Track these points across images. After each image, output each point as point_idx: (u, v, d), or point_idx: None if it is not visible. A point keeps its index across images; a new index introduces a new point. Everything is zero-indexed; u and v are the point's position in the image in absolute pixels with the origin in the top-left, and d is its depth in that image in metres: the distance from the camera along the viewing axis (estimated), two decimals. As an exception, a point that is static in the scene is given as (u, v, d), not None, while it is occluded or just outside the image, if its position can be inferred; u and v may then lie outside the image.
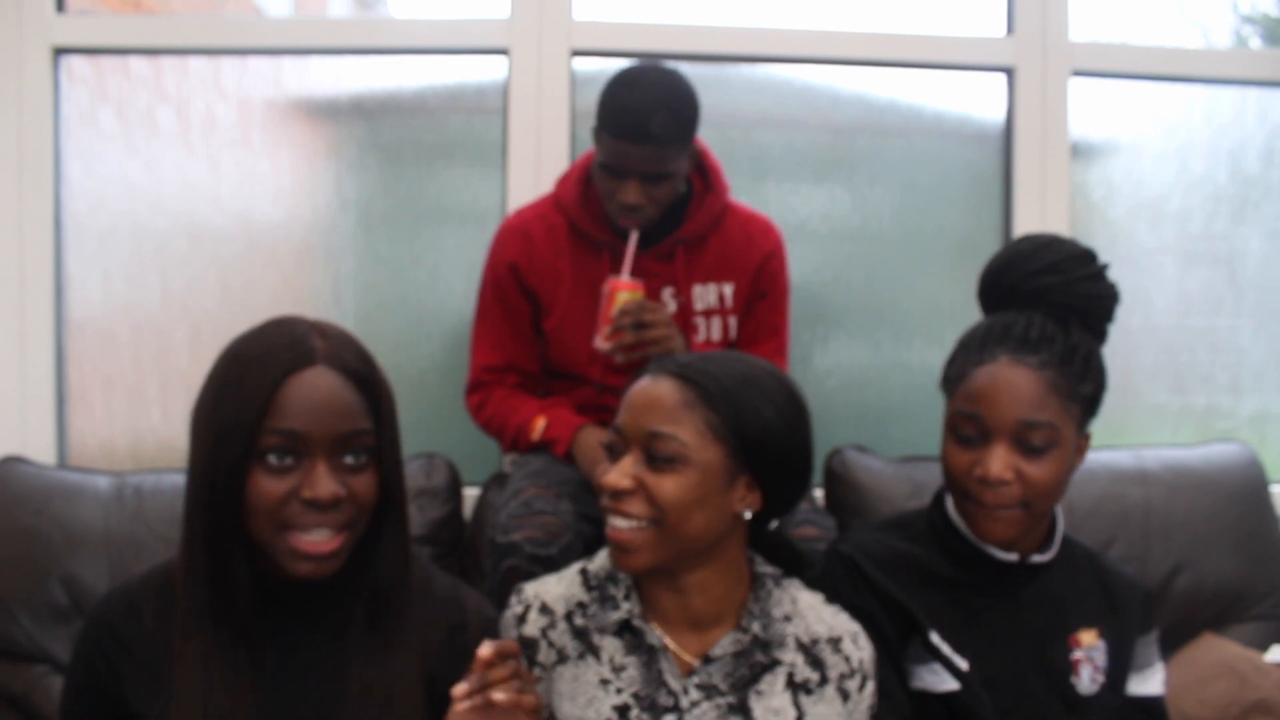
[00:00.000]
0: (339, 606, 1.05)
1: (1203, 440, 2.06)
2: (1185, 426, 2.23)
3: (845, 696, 1.11)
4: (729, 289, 1.76)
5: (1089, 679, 1.25)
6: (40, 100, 1.96)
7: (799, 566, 1.19)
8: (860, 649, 1.14)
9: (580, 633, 1.11)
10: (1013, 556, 1.24)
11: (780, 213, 1.94)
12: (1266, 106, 2.23)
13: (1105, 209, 2.20)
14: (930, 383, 1.33)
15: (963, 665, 1.22)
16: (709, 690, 1.08)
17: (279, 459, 0.98)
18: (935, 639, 1.22)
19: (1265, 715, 1.64)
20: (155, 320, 2.04)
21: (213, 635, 1.01)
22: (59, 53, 1.98)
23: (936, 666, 1.22)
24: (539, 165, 1.98)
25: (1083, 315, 1.24)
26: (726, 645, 1.09)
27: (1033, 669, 1.24)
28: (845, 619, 1.16)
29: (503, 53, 2.01)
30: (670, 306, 1.72)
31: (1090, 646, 1.26)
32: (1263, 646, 1.79)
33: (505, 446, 1.79)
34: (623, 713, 1.07)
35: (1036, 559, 1.26)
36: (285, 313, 1.06)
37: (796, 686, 1.10)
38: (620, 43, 2.02)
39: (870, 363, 2.15)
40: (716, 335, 1.77)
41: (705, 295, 1.75)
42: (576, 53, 2.01)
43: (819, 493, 1.90)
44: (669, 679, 1.08)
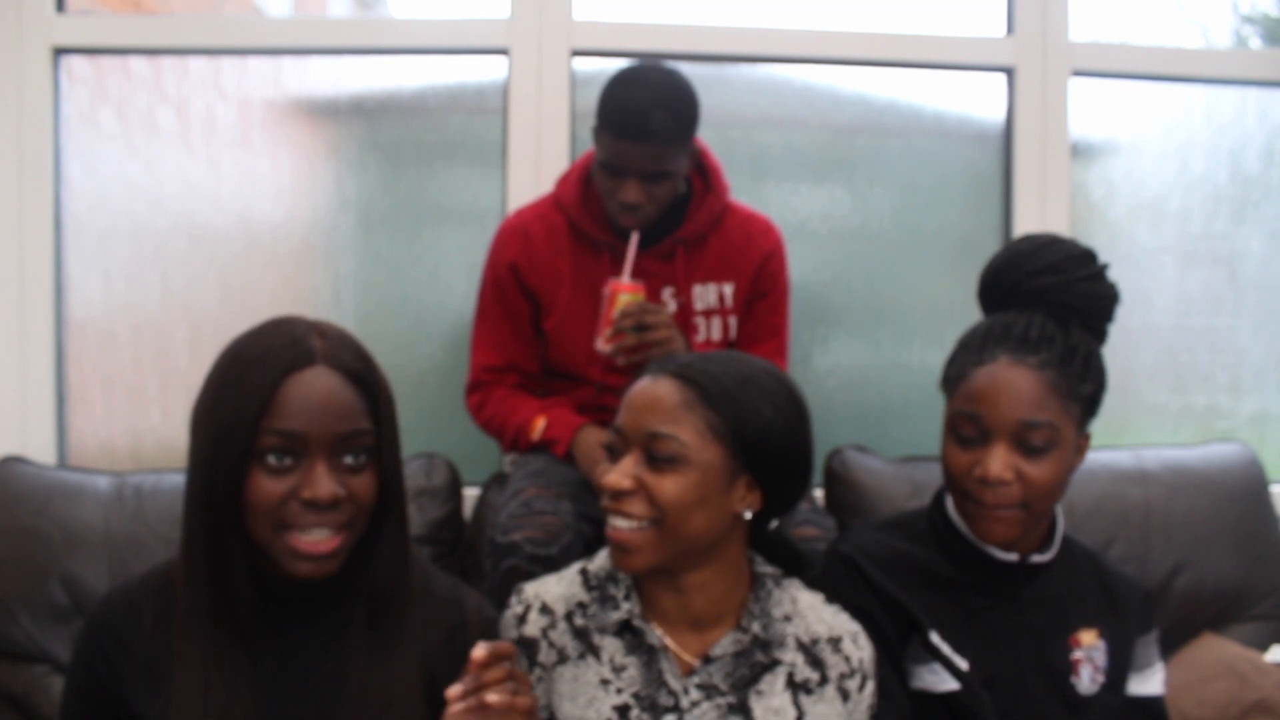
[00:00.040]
0: (339, 607, 1.05)
1: (1203, 440, 2.06)
2: (1185, 426, 2.23)
3: (845, 696, 1.11)
4: (729, 289, 1.76)
5: (1089, 679, 1.25)
6: (40, 100, 1.96)
7: (799, 566, 1.19)
8: (860, 649, 1.14)
9: (580, 633, 1.11)
10: (1013, 556, 1.24)
11: (780, 213, 1.94)
12: (1266, 106, 2.23)
13: (1105, 209, 2.20)
14: (930, 383, 1.33)
15: (963, 665, 1.22)
16: (709, 690, 1.08)
17: (278, 459, 0.98)
18: (935, 639, 1.22)
19: (1265, 715, 1.64)
20: (155, 320, 2.04)
21: (212, 635, 1.01)
22: (59, 53, 1.98)
23: (936, 666, 1.22)
24: (539, 165, 1.98)
25: (1083, 315, 1.24)
26: (727, 645, 1.09)
27: (1033, 669, 1.24)
28: (845, 619, 1.16)
29: (503, 53, 2.01)
30: (670, 306, 1.72)
31: (1090, 646, 1.26)
32: (1263, 646, 1.79)
33: (505, 446, 1.79)
34: (623, 713, 1.07)
35: (1036, 559, 1.26)
36: (285, 313, 1.06)
37: (796, 686, 1.10)
38: (620, 43, 2.02)
39: (870, 363, 2.15)
40: (716, 335, 1.77)
41: (705, 295, 1.75)
42: (576, 53, 2.01)
43: (819, 493, 1.90)
44: (669, 679, 1.08)
